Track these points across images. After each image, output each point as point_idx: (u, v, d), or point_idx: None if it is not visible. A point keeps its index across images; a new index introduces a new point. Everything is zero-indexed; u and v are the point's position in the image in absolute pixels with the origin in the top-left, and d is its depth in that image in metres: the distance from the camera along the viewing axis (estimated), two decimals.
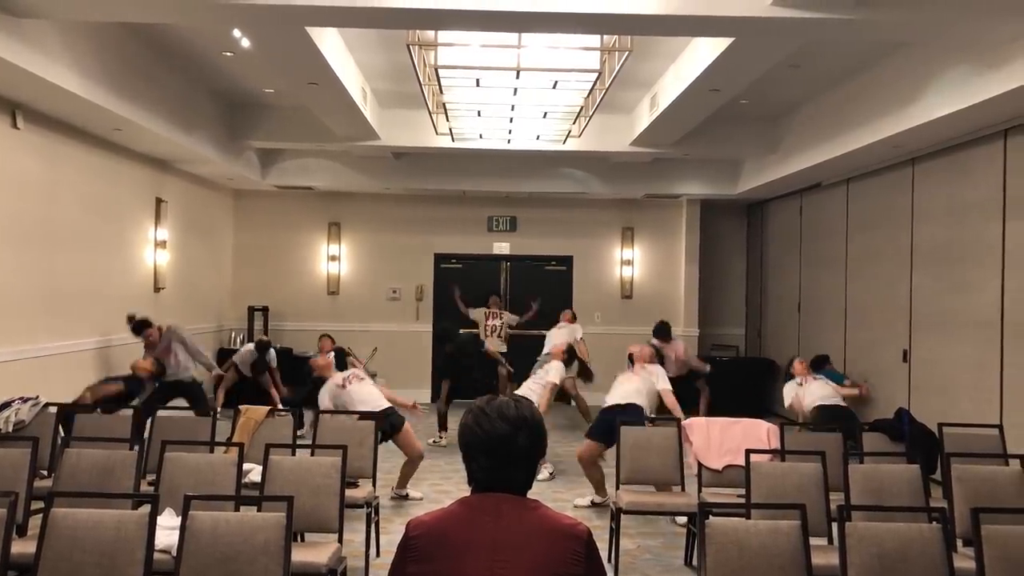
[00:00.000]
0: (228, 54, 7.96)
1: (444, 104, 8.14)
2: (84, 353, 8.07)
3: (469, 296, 12.20)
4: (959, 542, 4.63)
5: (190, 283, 10.96)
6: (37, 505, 4.40)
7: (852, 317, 9.50)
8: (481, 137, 10.08)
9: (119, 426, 6.00)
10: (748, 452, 5.09)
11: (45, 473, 5.57)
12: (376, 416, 6.23)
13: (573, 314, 11.12)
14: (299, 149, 11.63)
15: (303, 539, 4.99)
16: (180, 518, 3.72)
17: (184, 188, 10.82)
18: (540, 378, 8.04)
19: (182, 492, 3.93)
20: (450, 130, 9.57)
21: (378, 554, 5.63)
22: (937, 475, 5.94)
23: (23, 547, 4.04)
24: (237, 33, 7.03)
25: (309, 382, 7.45)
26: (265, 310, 12.44)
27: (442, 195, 12.95)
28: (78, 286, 7.53)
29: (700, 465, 5.84)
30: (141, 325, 8.63)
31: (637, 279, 13.25)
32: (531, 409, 2.20)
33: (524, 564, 2.05)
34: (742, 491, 5.09)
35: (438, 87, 7.37)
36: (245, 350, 10.60)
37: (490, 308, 11.77)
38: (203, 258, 11.50)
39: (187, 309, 10.70)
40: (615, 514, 5.64)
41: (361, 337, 12.23)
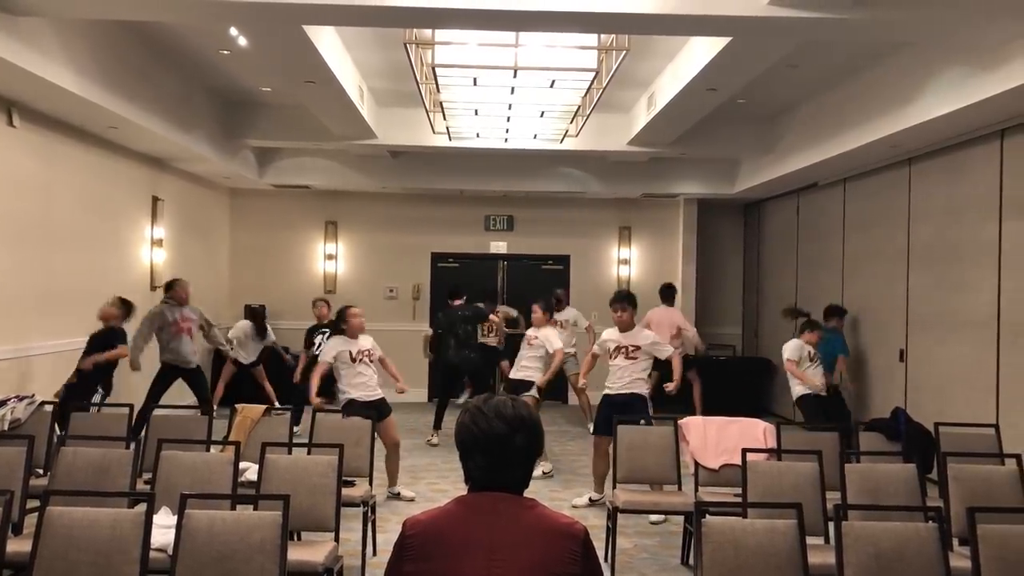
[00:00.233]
0: (225, 52, 7.94)
1: (441, 103, 8.13)
2: (81, 352, 8.04)
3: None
4: (955, 541, 4.63)
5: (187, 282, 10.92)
6: (33, 504, 4.39)
7: (849, 317, 9.51)
8: (478, 136, 10.08)
9: (115, 424, 6.00)
10: (744, 451, 5.10)
11: (41, 472, 5.57)
12: (369, 406, 6.63)
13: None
14: (296, 148, 11.61)
15: (299, 538, 4.99)
16: (176, 517, 3.72)
17: (181, 187, 10.81)
18: (536, 350, 8.05)
19: (178, 491, 3.94)
20: (447, 129, 9.57)
21: (375, 553, 5.63)
22: (933, 474, 5.95)
23: (19, 546, 4.04)
24: (234, 31, 7.02)
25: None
26: (262, 309, 12.41)
27: (439, 194, 12.94)
28: (74, 285, 7.51)
29: (697, 464, 5.85)
30: (177, 281, 8.65)
31: (634, 278, 13.24)
32: (528, 409, 2.22)
33: (521, 563, 2.05)
34: (739, 490, 5.10)
35: (435, 86, 7.37)
36: (239, 327, 10.50)
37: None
38: (200, 257, 11.48)
39: None
40: (612, 513, 5.65)
41: None
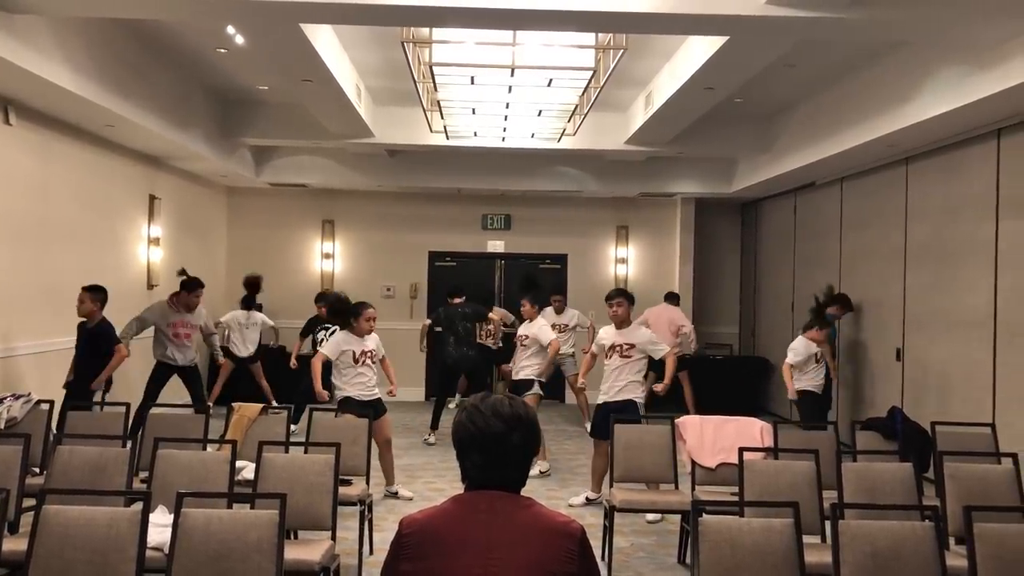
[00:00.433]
0: (222, 51, 7.93)
1: (439, 102, 8.12)
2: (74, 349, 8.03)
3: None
4: (951, 540, 4.64)
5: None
6: (29, 503, 4.39)
7: (846, 316, 9.51)
8: (476, 135, 10.07)
9: (112, 423, 5.99)
10: (741, 450, 5.10)
11: (37, 470, 5.56)
12: (366, 405, 6.72)
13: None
14: (293, 146, 11.60)
15: (296, 537, 4.99)
16: (173, 515, 3.71)
17: (177, 185, 10.79)
18: (529, 350, 8.05)
19: (175, 489, 3.93)
20: (444, 128, 9.55)
21: (371, 552, 5.62)
22: (930, 473, 5.96)
23: (15, 544, 4.03)
24: (231, 30, 7.01)
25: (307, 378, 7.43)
26: (259, 308, 12.39)
27: (436, 193, 12.93)
28: (71, 283, 7.48)
29: (694, 463, 5.85)
30: (196, 284, 8.59)
31: (632, 278, 13.24)
32: (525, 407, 2.21)
33: (518, 562, 2.05)
34: (735, 489, 5.10)
35: (433, 85, 7.36)
36: (231, 316, 10.47)
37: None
38: (197, 256, 11.46)
39: None
40: (609, 512, 5.65)
41: None
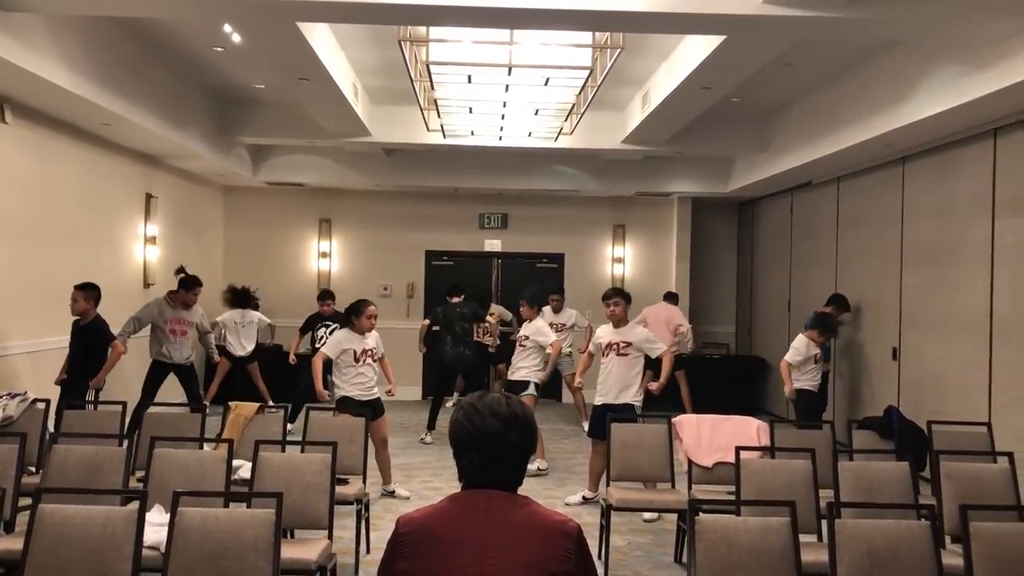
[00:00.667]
0: (218, 49, 7.92)
1: (436, 100, 8.12)
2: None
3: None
4: (947, 539, 4.65)
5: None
6: (25, 502, 4.38)
7: (842, 315, 9.52)
8: (473, 134, 10.07)
9: (108, 422, 5.98)
10: (738, 449, 5.10)
11: (33, 469, 5.55)
12: (364, 405, 6.70)
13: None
14: (290, 145, 11.59)
15: (293, 536, 4.98)
16: (169, 514, 3.71)
17: (174, 184, 10.78)
18: (529, 351, 8.00)
19: (171, 488, 3.92)
20: (441, 127, 9.55)
21: (368, 551, 5.62)
22: (926, 473, 5.97)
23: (10, 544, 4.03)
24: (228, 28, 7.01)
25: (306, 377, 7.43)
26: (256, 306, 12.37)
27: (433, 192, 12.93)
28: (67, 282, 7.47)
29: (690, 462, 5.85)
30: (194, 282, 8.59)
31: (628, 277, 13.25)
32: (522, 406, 2.21)
33: (514, 561, 2.05)
34: (732, 488, 5.10)
35: (430, 83, 7.36)
36: (227, 315, 10.47)
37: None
38: (193, 254, 11.44)
39: None
40: (605, 511, 5.65)
41: None
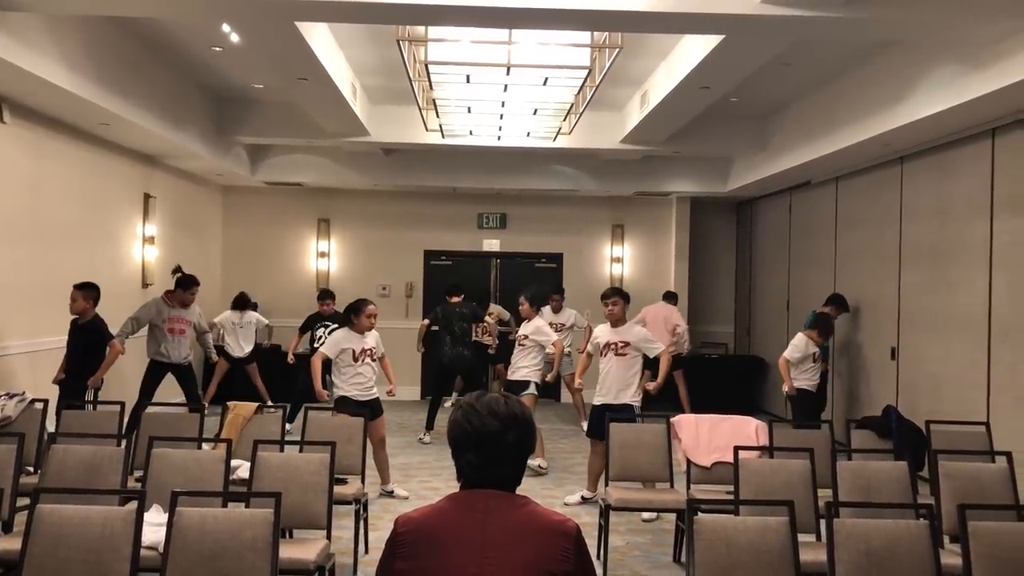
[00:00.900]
0: (217, 49, 7.92)
1: (434, 100, 8.12)
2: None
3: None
4: (946, 539, 4.65)
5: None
6: (23, 502, 4.38)
7: (840, 315, 9.52)
8: (471, 134, 10.07)
9: (106, 422, 5.98)
10: (737, 449, 5.10)
11: (32, 469, 5.55)
12: (363, 405, 6.69)
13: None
14: (289, 145, 11.58)
15: (291, 536, 4.98)
16: (167, 514, 3.71)
17: (173, 184, 10.77)
18: (529, 350, 7.97)
19: (169, 488, 3.92)
20: (440, 126, 9.55)
21: (367, 551, 5.62)
22: (925, 472, 5.97)
23: (9, 544, 4.03)
24: (226, 28, 7.00)
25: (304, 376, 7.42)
26: (254, 307, 12.38)
27: (432, 192, 12.93)
28: (66, 281, 7.47)
29: (689, 462, 5.85)
30: (191, 281, 8.57)
31: (627, 276, 13.25)
32: (521, 406, 2.21)
33: (513, 561, 2.05)
34: (731, 488, 5.10)
35: (428, 83, 7.36)
36: (224, 316, 10.49)
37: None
38: (192, 254, 11.44)
39: None
40: (604, 511, 5.65)
41: None
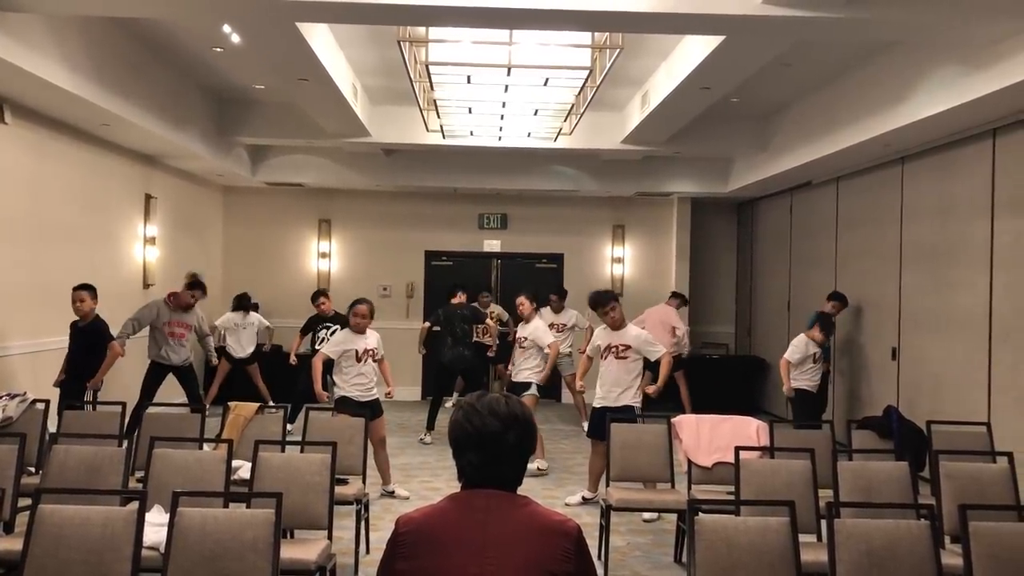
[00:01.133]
0: (218, 49, 7.92)
1: (435, 101, 8.12)
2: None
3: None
4: (947, 539, 4.65)
5: (179, 280, 10.88)
6: (24, 502, 4.38)
7: (841, 315, 9.52)
8: (472, 134, 10.07)
9: (107, 422, 5.98)
10: (738, 449, 5.10)
11: (33, 470, 5.55)
12: (363, 406, 6.70)
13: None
14: (289, 146, 11.59)
15: (292, 536, 4.98)
16: (168, 515, 3.71)
17: (173, 184, 10.78)
18: (528, 352, 7.98)
19: (170, 489, 3.92)
20: (441, 127, 9.56)
21: (368, 551, 5.62)
22: (925, 472, 5.97)
23: (10, 544, 4.03)
24: (227, 28, 7.00)
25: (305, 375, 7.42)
26: (255, 307, 12.38)
27: (433, 192, 12.93)
28: (66, 282, 7.48)
29: (690, 462, 5.85)
30: (195, 284, 8.72)
31: (628, 277, 13.25)
32: (522, 406, 2.21)
33: (514, 561, 2.05)
34: (731, 488, 5.10)
35: (429, 84, 7.37)
36: (226, 317, 10.52)
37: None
38: (193, 255, 11.46)
39: None
40: (605, 511, 5.65)
41: None
